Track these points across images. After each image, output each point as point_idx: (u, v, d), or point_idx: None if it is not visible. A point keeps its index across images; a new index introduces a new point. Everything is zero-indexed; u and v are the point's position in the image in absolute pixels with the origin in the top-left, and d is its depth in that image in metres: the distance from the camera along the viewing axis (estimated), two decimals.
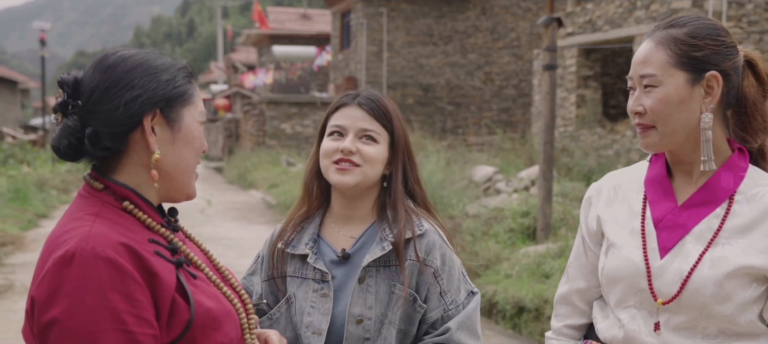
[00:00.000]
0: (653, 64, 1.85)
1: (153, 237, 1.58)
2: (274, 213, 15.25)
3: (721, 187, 1.87)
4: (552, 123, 9.13)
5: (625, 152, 14.64)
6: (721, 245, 1.82)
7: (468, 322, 2.14)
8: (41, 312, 1.44)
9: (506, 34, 27.04)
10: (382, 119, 2.19)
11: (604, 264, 1.97)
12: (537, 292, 6.69)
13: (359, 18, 26.43)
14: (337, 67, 29.21)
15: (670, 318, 1.85)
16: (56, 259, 1.45)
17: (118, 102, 1.54)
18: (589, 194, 2.10)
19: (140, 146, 1.58)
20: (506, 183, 12.98)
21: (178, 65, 1.64)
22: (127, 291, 1.45)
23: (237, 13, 76.39)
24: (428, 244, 2.16)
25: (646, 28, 14.22)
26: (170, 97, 1.60)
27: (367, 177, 2.16)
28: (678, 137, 1.87)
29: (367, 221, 2.21)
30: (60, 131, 1.55)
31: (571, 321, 2.11)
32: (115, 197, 1.58)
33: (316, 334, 2.11)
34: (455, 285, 2.17)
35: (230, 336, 1.61)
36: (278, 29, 34.22)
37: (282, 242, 2.23)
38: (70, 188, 19.59)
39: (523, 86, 26.82)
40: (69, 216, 1.57)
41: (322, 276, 2.15)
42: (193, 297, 1.54)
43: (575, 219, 9.32)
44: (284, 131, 26.13)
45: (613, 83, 17.68)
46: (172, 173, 1.63)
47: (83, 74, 1.58)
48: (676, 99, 1.84)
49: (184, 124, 1.62)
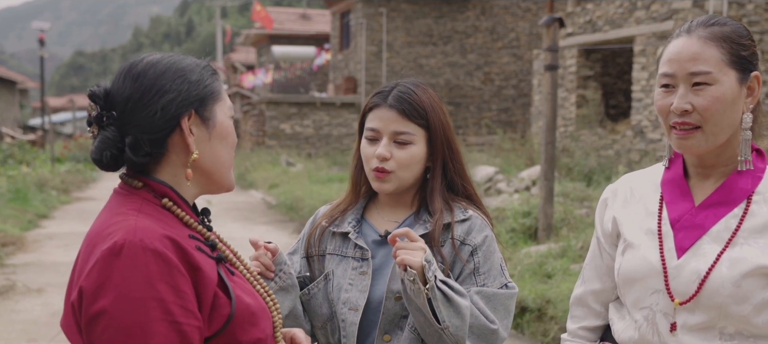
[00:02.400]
0: (708, 61, 1.80)
1: (192, 233, 1.61)
2: (275, 213, 15.25)
3: (739, 187, 1.85)
4: (553, 123, 9.12)
5: (625, 152, 14.64)
6: (740, 245, 1.81)
7: (491, 295, 2.11)
8: (90, 303, 1.46)
9: (506, 34, 27.06)
10: (416, 118, 2.16)
11: (620, 264, 1.96)
12: (539, 292, 6.68)
13: (359, 18, 26.43)
14: (336, 67, 29.21)
15: (688, 318, 1.84)
16: (105, 251, 1.47)
17: (154, 108, 1.56)
18: (605, 196, 2.09)
19: (179, 148, 1.61)
20: (507, 183, 12.98)
21: (202, 64, 1.67)
22: (174, 282, 1.47)
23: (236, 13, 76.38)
24: (470, 227, 2.16)
25: (647, 28, 14.23)
26: (203, 96, 1.63)
27: (403, 181, 2.17)
28: (721, 138, 1.83)
29: (411, 208, 2.24)
30: (100, 144, 1.57)
31: (587, 322, 2.10)
32: (154, 194, 1.61)
33: (352, 310, 2.13)
34: (492, 271, 2.14)
35: (266, 332, 1.65)
36: (278, 29, 34.21)
37: (326, 221, 2.27)
38: (69, 189, 19.58)
39: (522, 86, 26.83)
40: (110, 211, 1.59)
41: (362, 254, 2.18)
42: (233, 292, 1.58)
43: (577, 219, 9.32)
44: (284, 131, 26.13)
45: (614, 83, 17.69)
46: (210, 169, 1.66)
47: (112, 85, 1.60)
48: (730, 99, 1.80)
49: (217, 121, 1.65)
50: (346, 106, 26.26)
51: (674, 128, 1.85)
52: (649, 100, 14.10)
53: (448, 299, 2.00)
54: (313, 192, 15.25)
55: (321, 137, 26.08)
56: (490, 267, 2.15)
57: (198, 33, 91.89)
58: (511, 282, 2.17)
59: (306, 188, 16.20)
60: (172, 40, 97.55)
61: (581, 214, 9.61)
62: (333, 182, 17.57)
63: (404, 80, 2.23)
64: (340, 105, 26.18)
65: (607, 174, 13.07)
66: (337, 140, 26.09)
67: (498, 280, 2.15)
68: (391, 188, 2.17)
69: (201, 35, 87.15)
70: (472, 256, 2.14)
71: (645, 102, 14.26)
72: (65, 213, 15.25)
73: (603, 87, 17.17)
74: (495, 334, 2.09)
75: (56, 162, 24.57)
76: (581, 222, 9.21)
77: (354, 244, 2.21)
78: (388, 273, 2.14)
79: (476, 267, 2.13)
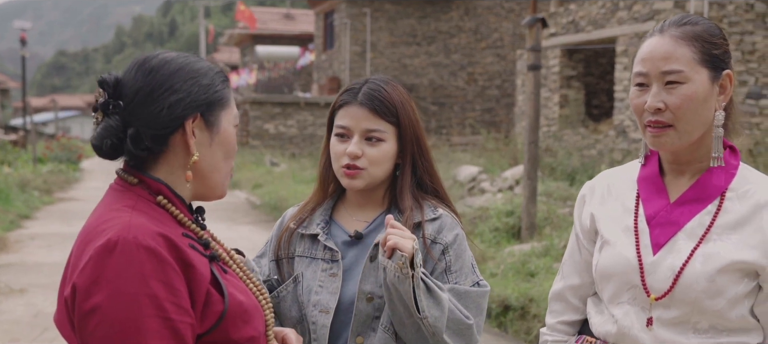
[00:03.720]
0: (679, 60, 1.82)
1: (186, 232, 1.61)
2: (259, 213, 15.23)
3: (712, 184, 1.89)
4: (536, 123, 9.17)
5: (608, 151, 14.73)
6: (713, 241, 1.85)
7: (463, 293, 2.10)
8: (83, 299, 1.47)
9: (489, 34, 27.14)
10: (387, 116, 2.15)
11: (597, 261, 1.99)
12: (522, 291, 6.73)
13: (343, 18, 26.44)
14: (320, 68, 29.20)
15: (663, 313, 1.87)
16: (99, 248, 1.48)
17: (161, 105, 1.57)
18: (583, 192, 2.11)
19: (179, 148, 1.62)
20: (491, 183, 13.03)
21: (216, 69, 1.68)
22: (167, 279, 1.48)
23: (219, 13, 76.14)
24: (440, 225, 2.15)
25: (629, 28, 14.32)
26: (211, 101, 1.63)
27: (374, 178, 2.16)
28: (693, 136, 1.86)
29: (381, 207, 2.22)
30: (102, 131, 1.57)
31: (566, 317, 2.13)
32: (149, 191, 1.61)
33: (323, 312, 2.11)
34: (463, 269, 2.14)
35: (259, 330, 1.65)
36: (261, 29, 34.15)
37: (294, 223, 2.25)
38: (52, 189, 19.46)
39: (506, 86, 26.92)
40: (105, 207, 1.59)
41: (332, 255, 2.16)
42: (226, 290, 1.59)
43: (560, 218, 9.38)
44: (268, 131, 26.10)
45: (596, 84, 17.79)
46: (207, 174, 1.67)
47: (123, 75, 1.61)
48: (702, 96, 1.83)
49: (222, 128, 1.66)
50: (330, 106, 26.21)
51: (648, 126, 1.87)
52: None
53: (429, 290, 1.99)
54: (297, 192, 15.24)
55: (305, 137, 26.06)
56: (461, 266, 2.14)
57: (181, 33, 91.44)
58: (482, 280, 2.17)
59: (290, 188, 16.19)
60: (154, 39, 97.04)
61: (564, 213, 9.66)
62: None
63: (374, 77, 2.21)
64: (324, 105, 26.16)
65: (590, 174, 13.13)
66: (321, 141, 26.01)
67: (470, 278, 2.15)
68: (362, 185, 2.15)
69: (184, 35, 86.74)
70: (443, 255, 2.13)
71: (627, 102, 14.28)
72: (48, 214, 15.16)
73: (586, 87, 17.26)
74: (470, 330, 2.08)
75: (38, 162, 24.40)
76: (564, 221, 9.26)
77: (323, 245, 2.18)
78: (358, 273, 2.12)
79: (448, 265, 2.13)
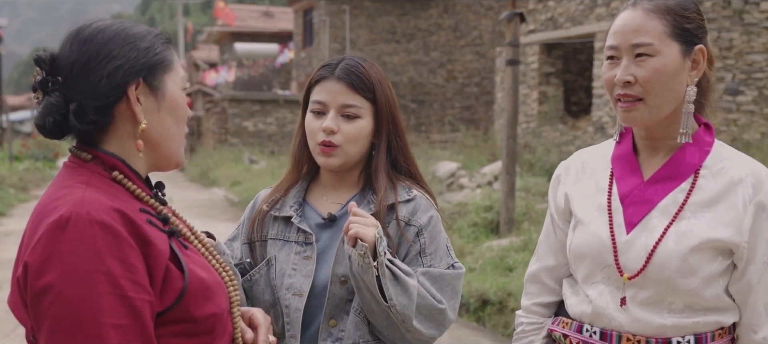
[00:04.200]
0: (650, 33, 1.81)
1: (143, 207, 1.56)
2: (237, 210, 15.16)
3: (686, 162, 1.87)
4: (515, 118, 9.18)
5: (586, 147, 14.78)
6: (687, 219, 1.83)
7: (437, 276, 2.07)
8: (35, 277, 1.41)
9: (468, 32, 27.16)
10: (364, 91, 2.11)
11: (571, 240, 1.98)
12: (501, 285, 6.72)
13: (322, 15, 26.38)
14: (299, 65, 29.11)
15: (637, 292, 1.86)
16: (50, 224, 1.42)
17: (100, 74, 1.51)
18: (557, 172, 2.10)
19: (126, 117, 1.56)
20: (469, 179, 13.03)
21: (155, 32, 1.62)
22: (123, 255, 1.43)
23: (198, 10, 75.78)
24: (415, 207, 2.12)
25: (607, 25, 14.32)
26: (152, 64, 1.57)
27: (350, 156, 2.12)
28: (664, 111, 1.84)
29: (355, 188, 2.19)
30: (43, 109, 1.52)
31: (541, 298, 2.11)
32: (104, 167, 1.56)
33: (296, 295, 2.07)
34: (438, 251, 2.11)
35: (222, 306, 1.60)
36: (240, 26, 34.01)
37: (267, 205, 2.20)
38: (28, 187, 19.31)
39: (485, 83, 26.95)
40: (57, 185, 1.54)
41: (306, 238, 2.12)
42: (186, 266, 1.54)
43: (538, 214, 9.39)
44: (246, 128, 25.99)
45: (575, 80, 17.85)
46: (159, 142, 1.61)
47: (59, 50, 1.55)
48: (672, 70, 1.81)
49: (167, 91, 1.60)
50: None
51: (618, 100, 1.86)
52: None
53: (396, 277, 1.96)
54: None
55: (284, 134, 25.97)
56: (436, 248, 2.11)
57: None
58: (457, 262, 2.14)
59: (269, 186, 16.09)
60: None
61: (542, 208, 9.68)
62: None
63: (351, 55, 2.18)
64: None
65: None
66: None
67: (444, 261, 2.11)
68: (337, 163, 2.12)
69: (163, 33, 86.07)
70: (418, 237, 2.10)
71: (605, 98, 14.39)
72: (24, 211, 15.02)
73: (564, 84, 17.31)
74: (443, 314, 2.05)
75: (15, 160, 24.19)
76: (542, 216, 9.27)
77: (297, 228, 2.14)
78: (332, 256, 2.09)
79: (422, 247, 2.10)
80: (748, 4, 13.14)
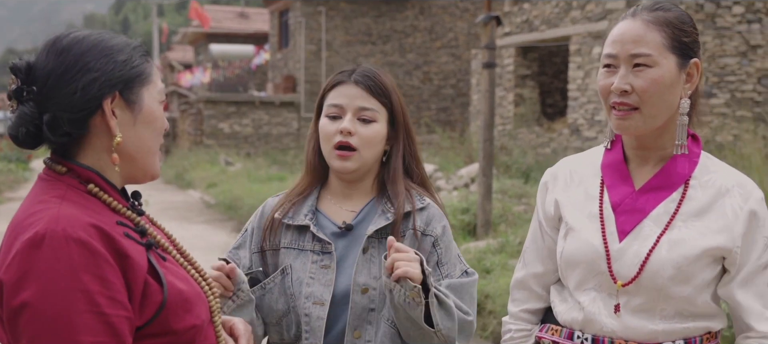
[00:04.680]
0: (649, 44, 1.84)
1: (120, 220, 1.54)
2: (213, 212, 15.11)
3: (677, 172, 1.91)
4: (491, 121, 9.22)
5: (562, 149, 14.87)
6: (678, 228, 1.87)
7: (458, 286, 2.11)
8: (11, 296, 1.40)
9: (444, 34, 27.24)
10: (380, 96, 2.14)
11: (563, 248, 2.00)
12: (478, 287, 6.74)
13: (297, 17, 26.33)
14: (275, 66, 29.05)
15: (630, 300, 1.89)
16: (25, 241, 1.41)
17: (75, 86, 1.49)
18: (545, 179, 2.12)
19: (101, 130, 1.54)
20: (446, 181, 13.08)
21: (133, 44, 1.60)
22: (99, 272, 1.41)
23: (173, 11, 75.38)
24: (429, 216, 2.14)
25: (582, 28, 14.48)
26: (128, 78, 1.55)
27: (366, 160, 2.14)
28: (659, 121, 1.87)
29: (368, 196, 2.20)
30: (17, 119, 1.49)
31: (528, 305, 2.13)
32: (79, 180, 1.54)
33: (317, 304, 2.08)
34: (452, 260, 2.14)
35: (202, 317, 1.59)
36: (216, 28, 33.85)
37: (279, 213, 2.20)
38: (1, 189, 19.10)
39: (461, 85, 27.04)
40: (32, 199, 1.52)
41: (323, 247, 2.13)
42: (165, 279, 1.52)
43: (515, 216, 9.44)
44: (222, 130, 25.88)
45: (550, 82, 17.96)
46: (134, 155, 1.59)
47: (36, 59, 1.52)
48: (669, 82, 1.85)
49: (144, 104, 1.58)
50: (285, 105, 26.12)
51: (614, 108, 1.89)
52: (585, 98, 14.35)
53: (441, 303, 1.99)
54: (253, 191, 15.14)
55: (260, 136, 25.90)
56: (450, 257, 2.15)
57: (134, 31, 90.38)
58: (469, 268, 2.18)
59: (245, 187, 16.07)
60: None
61: (519, 210, 9.73)
62: (272, 181, 17.46)
63: (364, 64, 2.21)
64: (279, 104, 26.02)
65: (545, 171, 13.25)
66: (277, 140, 25.93)
67: (458, 268, 2.15)
68: (353, 167, 2.13)
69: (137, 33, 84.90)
70: (434, 247, 2.13)
71: (581, 101, 14.51)
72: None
73: (540, 86, 17.41)
74: (471, 325, 2.10)
75: None
76: (519, 218, 9.32)
77: (312, 236, 2.14)
78: (350, 265, 2.10)
79: (439, 258, 2.12)
80: (721, 8, 13.30)
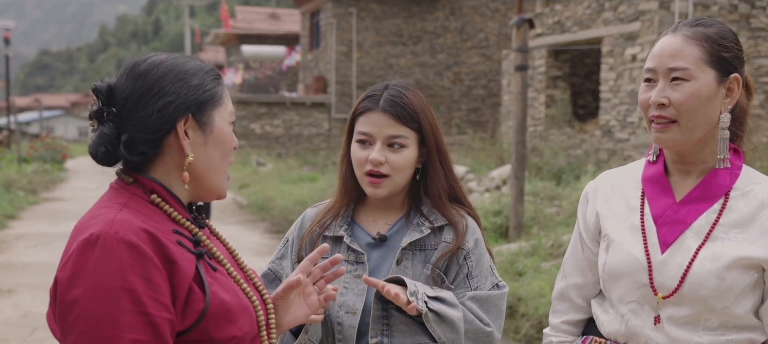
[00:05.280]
0: (686, 58, 1.87)
1: (177, 229, 1.62)
2: (246, 213, 15.21)
3: (717, 183, 1.93)
4: (523, 123, 9.22)
5: (594, 151, 14.81)
6: (720, 239, 1.89)
7: (484, 298, 2.16)
8: (64, 292, 1.50)
9: (475, 34, 27.19)
10: (409, 122, 2.17)
11: (605, 261, 2.02)
12: (511, 290, 6.76)
13: (328, 18, 26.43)
14: (306, 67, 29.18)
15: (673, 311, 1.90)
16: (81, 242, 1.51)
17: (151, 109, 1.59)
18: (585, 191, 2.14)
19: (174, 149, 1.63)
20: (478, 182, 13.08)
21: (206, 69, 1.69)
22: (146, 274, 1.49)
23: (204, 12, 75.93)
24: (463, 228, 2.19)
25: (614, 29, 14.40)
26: (201, 101, 1.64)
27: (397, 185, 2.19)
28: (697, 134, 1.90)
29: (403, 208, 2.25)
30: (97, 138, 1.60)
31: (569, 316, 2.15)
32: (144, 190, 1.64)
33: (349, 313, 2.14)
34: (483, 273, 2.19)
35: (244, 330, 1.64)
36: (247, 29, 34.07)
37: (319, 226, 2.26)
38: (37, 189, 19.36)
39: (491, 86, 26.98)
40: (99, 205, 1.62)
41: (357, 257, 2.19)
42: (209, 288, 1.59)
43: (547, 218, 9.43)
44: (254, 131, 26.05)
45: (582, 84, 17.88)
46: (204, 174, 1.68)
47: (116, 81, 1.62)
48: (706, 96, 1.87)
49: (215, 126, 1.67)
50: (316, 106, 26.24)
51: (653, 121, 1.92)
52: (617, 100, 14.27)
53: (441, 316, 2.05)
54: (284, 192, 15.24)
55: (291, 136, 26.04)
56: (481, 269, 2.19)
57: (166, 32, 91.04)
58: (501, 281, 2.22)
59: (277, 188, 16.18)
60: (139, 39, 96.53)
61: (551, 213, 9.72)
62: (304, 181, 17.56)
63: (393, 83, 2.23)
64: (310, 105, 26.15)
65: (576, 173, 13.21)
66: (308, 140, 26.07)
67: (489, 280, 2.20)
68: (385, 193, 2.19)
69: (169, 35, 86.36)
70: (465, 260, 2.17)
71: (613, 102, 14.43)
72: (33, 214, 15.08)
73: (571, 87, 17.34)
74: (490, 337, 2.14)
75: (23, 162, 24.27)
76: (551, 221, 9.31)
77: (347, 246, 2.21)
78: (383, 275, 2.15)
79: (469, 271, 2.17)
80: (755, 9, 13.18)
